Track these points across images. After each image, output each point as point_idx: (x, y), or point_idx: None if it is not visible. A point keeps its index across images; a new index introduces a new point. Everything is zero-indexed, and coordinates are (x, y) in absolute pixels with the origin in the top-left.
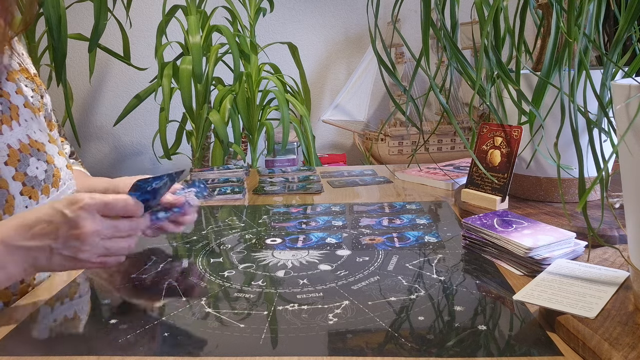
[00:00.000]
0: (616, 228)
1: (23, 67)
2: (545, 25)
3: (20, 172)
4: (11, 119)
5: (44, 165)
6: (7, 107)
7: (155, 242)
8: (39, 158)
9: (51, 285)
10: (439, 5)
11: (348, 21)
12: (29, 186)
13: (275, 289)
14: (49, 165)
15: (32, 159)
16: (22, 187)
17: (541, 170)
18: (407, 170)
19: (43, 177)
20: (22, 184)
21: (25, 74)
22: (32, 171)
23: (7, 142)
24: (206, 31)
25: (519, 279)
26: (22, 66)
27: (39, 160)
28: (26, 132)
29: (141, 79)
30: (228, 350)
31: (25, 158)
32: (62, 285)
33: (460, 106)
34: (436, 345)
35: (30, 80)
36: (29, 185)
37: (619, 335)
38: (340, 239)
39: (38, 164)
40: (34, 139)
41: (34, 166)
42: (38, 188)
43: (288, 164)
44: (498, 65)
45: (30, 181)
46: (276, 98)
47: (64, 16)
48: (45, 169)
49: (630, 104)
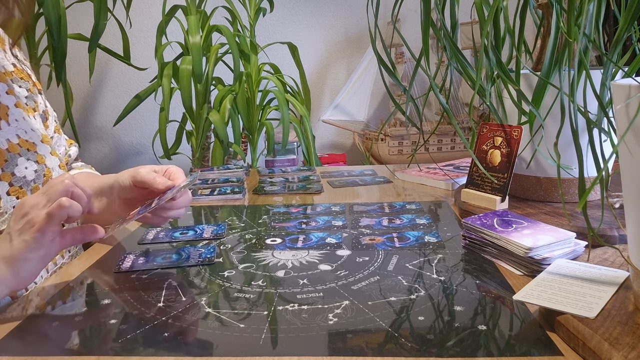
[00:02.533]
0: (616, 228)
1: (18, 68)
2: (545, 25)
3: (7, 172)
4: (0, 119)
5: (34, 165)
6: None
7: (156, 242)
8: (28, 158)
9: (51, 285)
10: (439, 5)
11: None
12: (16, 186)
13: (275, 289)
14: (40, 165)
15: (20, 158)
16: (8, 188)
17: (541, 170)
18: (407, 170)
19: (33, 177)
20: (8, 185)
21: (19, 75)
22: (20, 171)
23: None
24: (206, 31)
25: (519, 279)
26: (16, 67)
27: (29, 160)
28: (16, 132)
29: (141, 79)
30: (228, 350)
31: (14, 158)
32: (62, 285)
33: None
34: (436, 345)
35: (25, 81)
36: (16, 186)
37: (619, 335)
38: (340, 239)
39: (27, 164)
40: (24, 138)
41: (22, 166)
42: (27, 188)
43: (288, 164)
44: (498, 65)
45: (18, 181)
46: (276, 98)
47: (64, 16)
48: (36, 169)
49: (630, 104)
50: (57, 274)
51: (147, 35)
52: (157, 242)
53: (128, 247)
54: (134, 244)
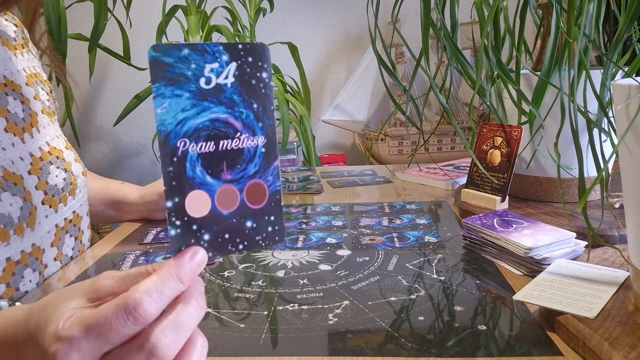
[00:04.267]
0: (616, 228)
1: (37, 72)
2: (545, 25)
3: (42, 180)
4: (32, 126)
5: (63, 173)
6: (28, 114)
7: (156, 242)
8: (58, 166)
9: (50, 285)
10: (439, 5)
11: (348, 21)
12: (49, 195)
13: (275, 289)
14: (67, 173)
15: (52, 167)
16: (43, 197)
17: (541, 170)
18: (407, 170)
19: (62, 186)
20: (43, 193)
21: (39, 78)
22: (52, 180)
23: (29, 150)
24: (206, 31)
25: (519, 279)
26: (36, 70)
27: (59, 169)
28: (45, 139)
29: (141, 79)
30: (228, 350)
31: (46, 166)
32: (62, 285)
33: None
34: (436, 345)
35: (45, 85)
36: (49, 194)
37: (619, 335)
38: (340, 239)
39: (58, 172)
40: (52, 145)
41: (54, 174)
42: (57, 197)
43: (288, 164)
44: (498, 65)
45: (51, 190)
46: (276, 98)
47: (64, 16)
48: (64, 177)
49: (630, 104)
50: (56, 276)
51: (147, 35)
52: (157, 243)
53: (128, 247)
54: (134, 244)
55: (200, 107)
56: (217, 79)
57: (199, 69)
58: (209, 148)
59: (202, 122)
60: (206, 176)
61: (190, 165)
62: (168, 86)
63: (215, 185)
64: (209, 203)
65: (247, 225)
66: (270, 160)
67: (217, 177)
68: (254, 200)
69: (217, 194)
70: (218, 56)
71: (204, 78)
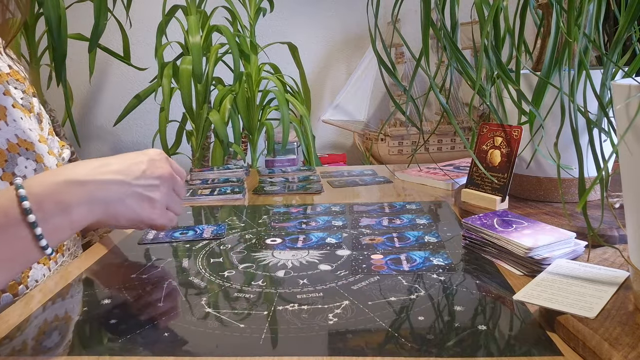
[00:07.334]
0: (616, 228)
1: (14, 70)
2: (545, 25)
3: (7, 172)
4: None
5: (33, 164)
6: None
7: (156, 242)
8: (27, 157)
9: (51, 285)
10: (439, 5)
11: (348, 21)
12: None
13: (275, 289)
14: (39, 164)
15: (20, 158)
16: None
17: (541, 170)
18: (407, 170)
19: (32, 176)
20: (9, 184)
21: (15, 76)
22: (20, 171)
23: None
24: (206, 31)
25: (519, 279)
26: (12, 69)
27: (28, 160)
28: (15, 131)
29: (141, 79)
30: (228, 350)
31: (14, 158)
32: (62, 285)
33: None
34: (436, 345)
35: (20, 83)
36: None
37: (619, 335)
38: (340, 239)
39: (27, 163)
40: (22, 138)
41: (22, 165)
42: None
43: (288, 164)
44: (498, 65)
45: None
46: (276, 98)
47: (64, 16)
48: (35, 167)
49: (630, 104)
50: (57, 273)
51: (147, 35)
52: (157, 242)
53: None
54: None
55: None
56: None
57: None
58: None
59: None
60: None
61: None
62: None
63: None
64: None
65: None
66: None
67: None
68: None
69: None
70: None
71: None
